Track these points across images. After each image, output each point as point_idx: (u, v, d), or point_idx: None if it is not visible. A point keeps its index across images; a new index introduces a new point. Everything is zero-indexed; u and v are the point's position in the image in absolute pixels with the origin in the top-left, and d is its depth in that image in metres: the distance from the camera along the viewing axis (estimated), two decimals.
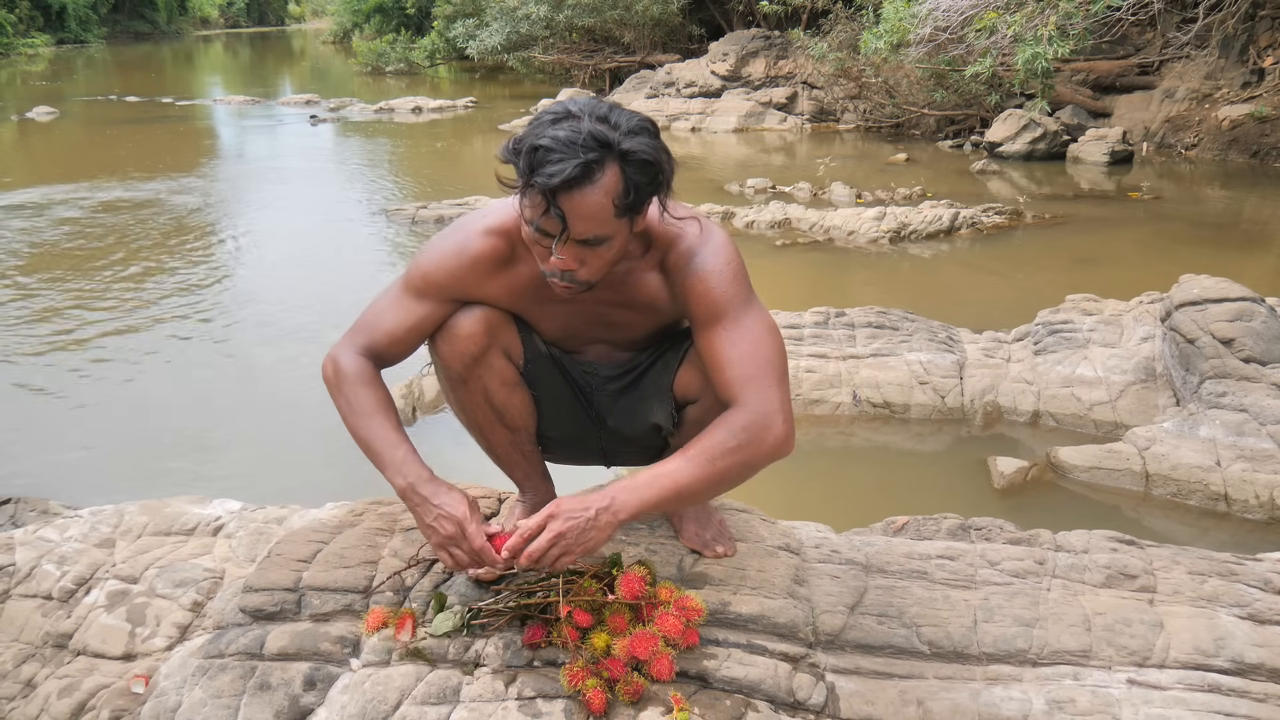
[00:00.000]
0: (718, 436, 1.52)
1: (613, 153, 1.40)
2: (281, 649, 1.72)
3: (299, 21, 72.22)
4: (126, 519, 2.39)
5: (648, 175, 1.43)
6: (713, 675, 1.64)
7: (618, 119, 1.42)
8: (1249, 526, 3.12)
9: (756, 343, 1.57)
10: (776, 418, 1.53)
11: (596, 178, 1.39)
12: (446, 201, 8.14)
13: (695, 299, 1.59)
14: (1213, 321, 3.56)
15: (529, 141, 1.40)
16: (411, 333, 1.66)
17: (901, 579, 1.89)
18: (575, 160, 1.36)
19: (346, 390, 1.63)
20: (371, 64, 24.38)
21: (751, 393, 1.54)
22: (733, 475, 1.53)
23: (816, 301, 4.57)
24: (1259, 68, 10.07)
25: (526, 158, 1.39)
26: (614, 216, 1.43)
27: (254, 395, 4.52)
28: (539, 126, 1.41)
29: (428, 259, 1.66)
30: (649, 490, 1.50)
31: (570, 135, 1.37)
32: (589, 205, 1.40)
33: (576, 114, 1.41)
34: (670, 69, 15.12)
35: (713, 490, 1.55)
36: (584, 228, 1.43)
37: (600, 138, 1.39)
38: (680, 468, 1.51)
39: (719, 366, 1.57)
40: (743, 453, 1.51)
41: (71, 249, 7.13)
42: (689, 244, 1.60)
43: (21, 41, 35.98)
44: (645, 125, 1.45)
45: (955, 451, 3.72)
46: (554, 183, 1.37)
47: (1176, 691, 1.66)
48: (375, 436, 1.60)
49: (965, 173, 9.68)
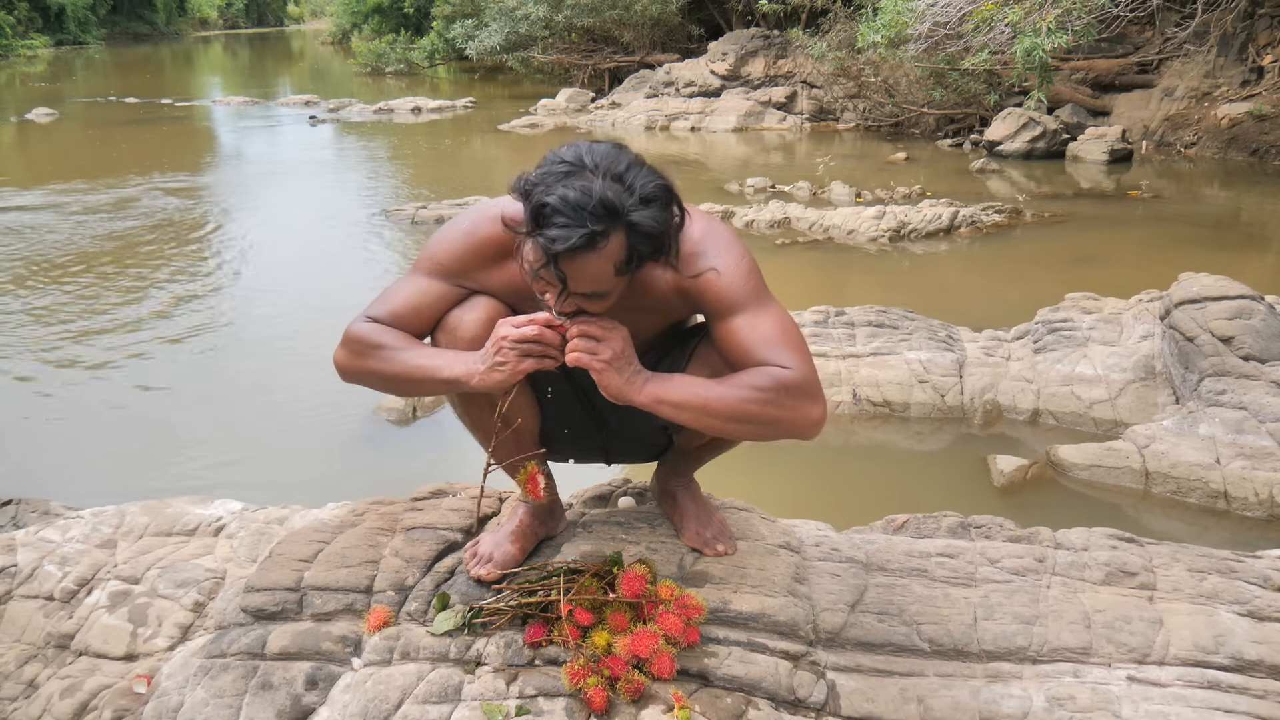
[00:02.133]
0: (759, 380, 1.49)
1: (620, 222, 1.38)
2: (283, 648, 1.73)
3: (298, 22, 72.17)
4: (128, 520, 2.39)
5: (651, 245, 1.42)
6: (713, 673, 1.64)
7: (633, 181, 1.39)
8: (1248, 524, 3.12)
9: (786, 327, 1.56)
10: (817, 396, 1.51)
11: (600, 246, 1.37)
12: (446, 202, 8.14)
13: (711, 296, 1.57)
14: (1212, 319, 3.56)
15: (538, 196, 1.36)
16: (423, 310, 1.65)
17: (902, 577, 1.89)
18: (581, 230, 1.34)
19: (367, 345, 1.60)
20: (370, 64, 24.37)
21: (793, 358, 1.51)
22: (755, 423, 1.51)
23: (816, 300, 4.58)
24: (1258, 66, 10.07)
25: (534, 213, 1.37)
26: (613, 276, 1.43)
27: (254, 395, 4.52)
28: (550, 178, 1.37)
29: (438, 240, 1.67)
30: (676, 392, 1.50)
31: (580, 199, 1.34)
32: (590, 269, 1.39)
33: (588, 166, 1.38)
34: (669, 68, 15.12)
35: (728, 428, 1.52)
36: (580, 286, 1.42)
37: (610, 206, 1.35)
38: (713, 389, 1.50)
39: (747, 349, 1.54)
40: (776, 408, 1.49)
41: (71, 250, 7.13)
42: (695, 241, 1.58)
43: (20, 43, 35.96)
44: (659, 193, 1.41)
45: (955, 450, 3.72)
46: (556, 249, 1.35)
47: (1176, 688, 1.66)
48: (416, 358, 1.58)
49: (965, 171, 9.69)
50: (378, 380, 1.64)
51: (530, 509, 1.91)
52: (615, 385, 1.49)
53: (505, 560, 1.83)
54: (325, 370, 1.68)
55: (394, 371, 1.60)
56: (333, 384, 1.80)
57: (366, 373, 1.63)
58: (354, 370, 1.64)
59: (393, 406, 4.09)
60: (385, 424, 4.05)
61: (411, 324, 1.65)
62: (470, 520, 2.04)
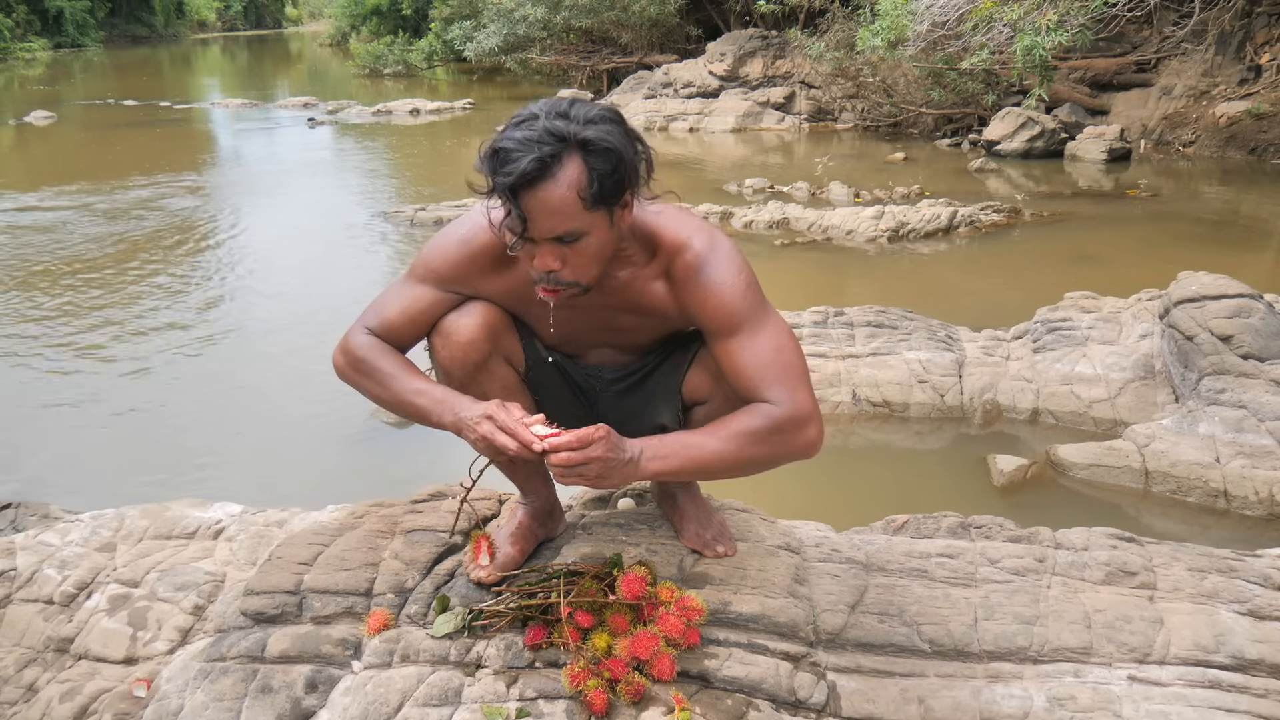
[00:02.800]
0: (751, 424, 1.52)
1: (570, 144, 1.39)
2: (283, 652, 1.73)
3: (296, 24, 72.19)
4: (127, 523, 2.39)
5: (610, 162, 1.41)
6: (714, 675, 1.64)
7: (576, 112, 1.41)
8: (1248, 523, 3.12)
9: (780, 349, 1.57)
10: (811, 420, 1.55)
11: (555, 172, 1.38)
12: (445, 203, 8.14)
13: (709, 312, 1.58)
14: (1211, 318, 3.56)
15: (491, 145, 1.40)
16: (418, 318, 1.66)
17: (902, 577, 1.89)
18: (531, 155, 1.36)
19: (365, 365, 1.63)
20: (369, 66, 24.37)
21: (783, 392, 1.54)
22: (755, 465, 1.55)
23: (815, 301, 4.58)
24: (1256, 65, 10.08)
25: (489, 162, 1.40)
26: (584, 210, 1.42)
27: (253, 398, 4.52)
28: (503, 131, 1.42)
29: (433, 247, 1.67)
30: (673, 459, 1.51)
31: (527, 134, 1.38)
32: (552, 200, 1.39)
33: (536, 113, 1.41)
34: (668, 69, 15.12)
35: (729, 473, 1.56)
36: (550, 224, 1.41)
37: (556, 132, 1.38)
38: (707, 444, 1.52)
39: (742, 373, 1.56)
40: (772, 446, 1.53)
41: (70, 253, 7.13)
42: (696, 254, 1.57)
43: (19, 46, 35.97)
44: (606, 115, 1.44)
45: (955, 450, 3.72)
46: (510, 180, 1.37)
47: (1177, 688, 1.66)
48: (408, 393, 1.60)
49: (963, 171, 9.69)
50: (371, 398, 1.66)
51: (530, 510, 1.91)
52: (616, 483, 1.51)
53: (505, 562, 1.83)
54: (324, 372, 1.69)
55: (386, 399, 1.62)
56: (331, 386, 1.80)
57: (361, 389, 1.66)
58: (350, 381, 1.67)
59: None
60: (384, 426, 4.05)
61: (407, 332, 1.66)
62: (468, 522, 2.04)
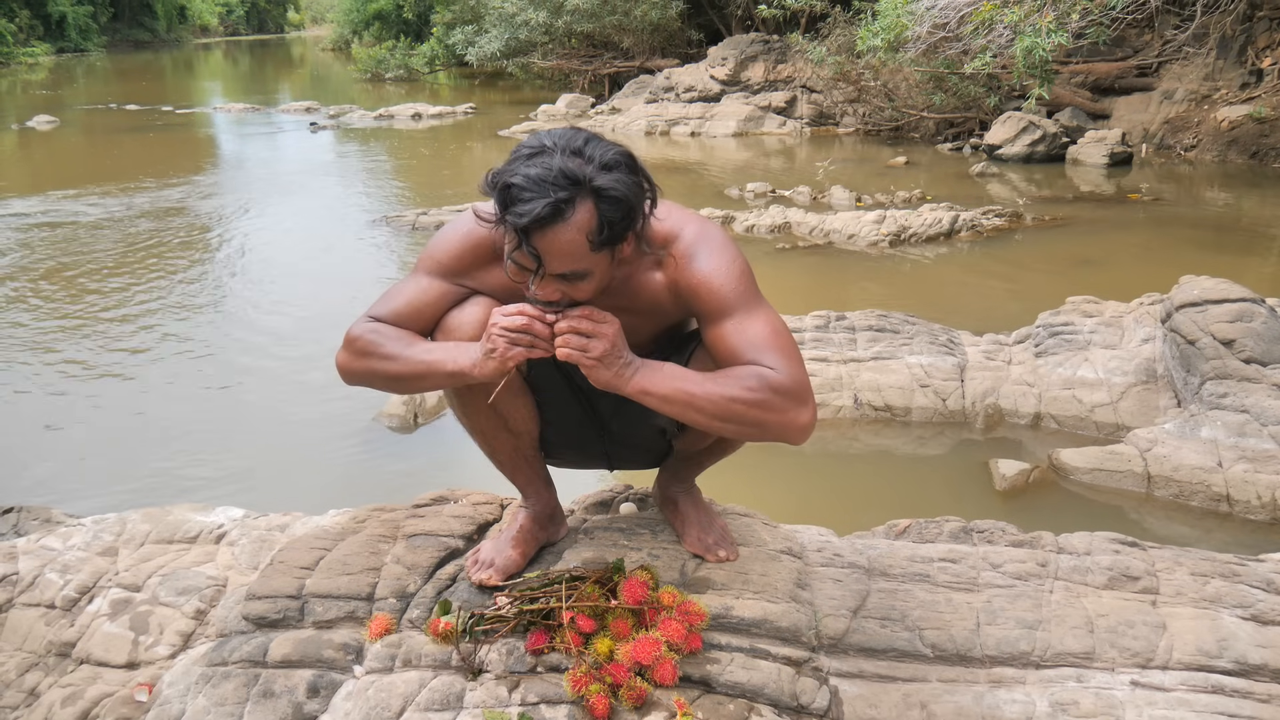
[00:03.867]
0: (748, 382, 1.49)
1: (584, 189, 1.40)
2: (285, 656, 1.73)
3: (298, 29, 72.37)
4: (129, 527, 2.39)
5: (621, 211, 1.42)
6: (716, 680, 1.64)
7: (592, 152, 1.41)
8: (1251, 527, 3.11)
9: (776, 331, 1.55)
10: (805, 400, 1.51)
11: (568, 215, 1.39)
12: (446, 208, 8.15)
13: (702, 298, 1.57)
14: (1213, 323, 3.56)
15: (503, 178, 1.40)
16: (423, 310, 1.66)
17: (904, 582, 1.89)
18: (545, 200, 1.36)
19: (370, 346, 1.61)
20: (371, 71, 24.42)
21: (780, 361, 1.51)
22: (741, 423, 1.51)
23: (817, 305, 4.58)
24: (1257, 69, 10.08)
25: (500, 195, 1.40)
26: (590, 252, 1.43)
27: (255, 402, 4.52)
28: (514, 163, 1.41)
29: (438, 240, 1.69)
30: (664, 384, 1.50)
31: (541, 173, 1.37)
32: (562, 243, 1.40)
33: (550, 149, 1.41)
34: (669, 74, 15.14)
35: (714, 425, 1.52)
36: (559, 264, 1.43)
37: (571, 175, 1.38)
38: (701, 384, 1.50)
39: (736, 351, 1.54)
40: (763, 411, 1.49)
41: (72, 257, 7.14)
42: (688, 243, 1.59)
43: (22, 50, 36.04)
44: (620, 159, 1.43)
45: (957, 454, 3.72)
46: (523, 222, 1.37)
47: (1180, 693, 1.66)
48: (417, 359, 1.58)
49: (965, 175, 9.69)
50: (381, 380, 1.64)
51: (531, 514, 1.91)
52: (604, 379, 1.50)
53: (507, 566, 1.83)
54: (327, 376, 1.69)
55: (397, 370, 1.60)
56: (334, 390, 1.81)
57: (369, 373, 1.63)
58: (357, 371, 1.64)
59: (394, 413, 4.09)
60: (386, 430, 4.05)
61: (413, 324, 1.66)
62: (471, 527, 2.04)
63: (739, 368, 1.52)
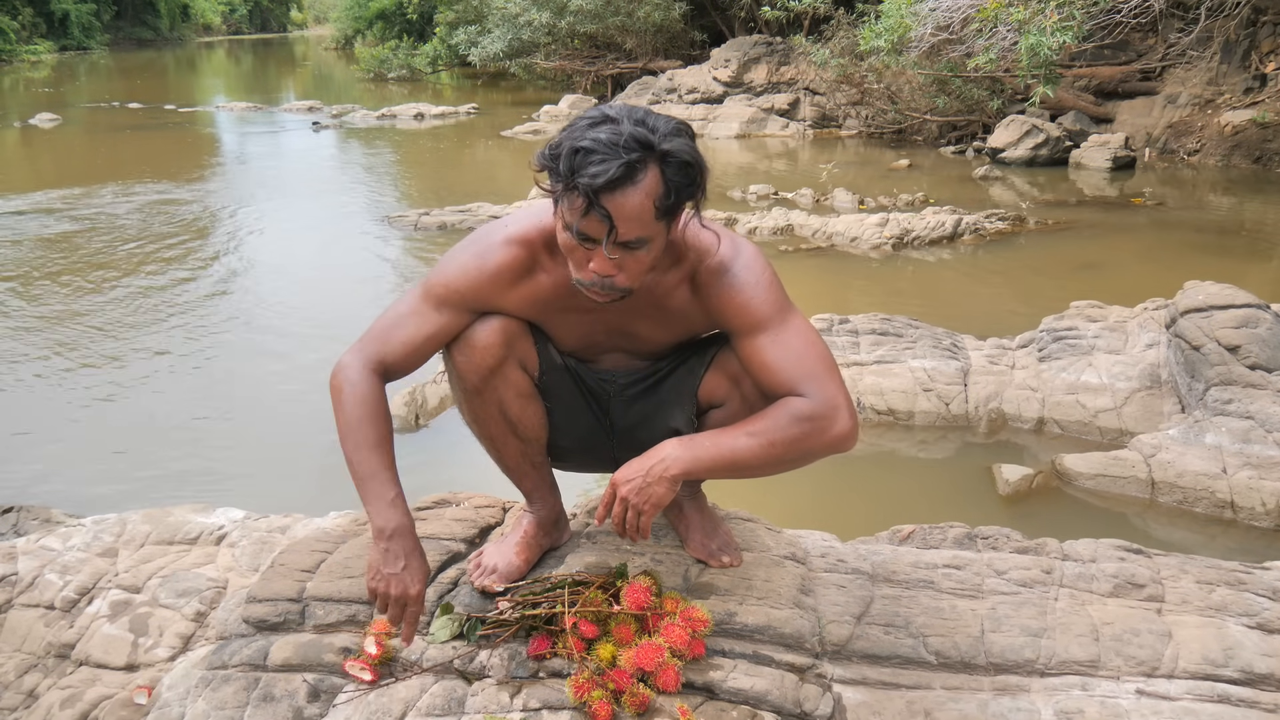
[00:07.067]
0: (780, 420, 1.53)
1: (654, 154, 1.41)
2: (285, 660, 1.72)
3: (301, 28, 72.38)
4: (129, 528, 2.38)
5: (687, 177, 1.44)
6: (719, 686, 1.62)
7: (655, 123, 1.43)
8: (1256, 534, 3.10)
9: (808, 343, 1.58)
10: (842, 410, 1.54)
11: (639, 178, 1.39)
12: (449, 208, 8.15)
13: (733, 312, 1.60)
14: (1218, 328, 3.55)
15: (569, 144, 1.40)
16: (428, 343, 1.65)
17: (908, 588, 1.88)
18: (618, 160, 1.37)
19: (349, 412, 1.61)
20: (374, 70, 24.43)
21: (812, 386, 1.55)
22: (788, 460, 1.55)
23: (820, 308, 4.57)
24: (1261, 73, 10.08)
25: (567, 160, 1.39)
26: (654, 219, 1.44)
27: (257, 403, 4.51)
28: (577, 130, 1.41)
29: (449, 269, 1.65)
30: (705, 453, 1.53)
31: (611, 137, 1.38)
32: (631, 206, 1.40)
33: (615, 118, 1.42)
34: (672, 75, 15.14)
35: (763, 470, 1.56)
36: (627, 229, 1.42)
37: (641, 139, 1.39)
38: (738, 440, 1.53)
39: (770, 369, 1.57)
40: (804, 440, 1.53)
41: (74, 256, 7.14)
42: (721, 258, 1.60)
43: (24, 48, 36.07)
44: (682, 128, 1.46)
45: (960, 459, 3.71)
46: (598, 183, 1.37)
47: (1186, 702, 1.64)
48: (372, 472, 1.60)
49: (968, 179, 9.68)
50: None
51: (536, 520, 1.89)
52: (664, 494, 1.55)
53: (509, 571, 1.81)
54: (326, 378, 1.67)
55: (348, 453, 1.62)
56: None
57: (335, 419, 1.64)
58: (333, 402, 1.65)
59: (395, 414, 4.08)
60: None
61: (409, 362, 1.66)
62: (473, 530, 2.03)
63: (771, 409, 1.56)
